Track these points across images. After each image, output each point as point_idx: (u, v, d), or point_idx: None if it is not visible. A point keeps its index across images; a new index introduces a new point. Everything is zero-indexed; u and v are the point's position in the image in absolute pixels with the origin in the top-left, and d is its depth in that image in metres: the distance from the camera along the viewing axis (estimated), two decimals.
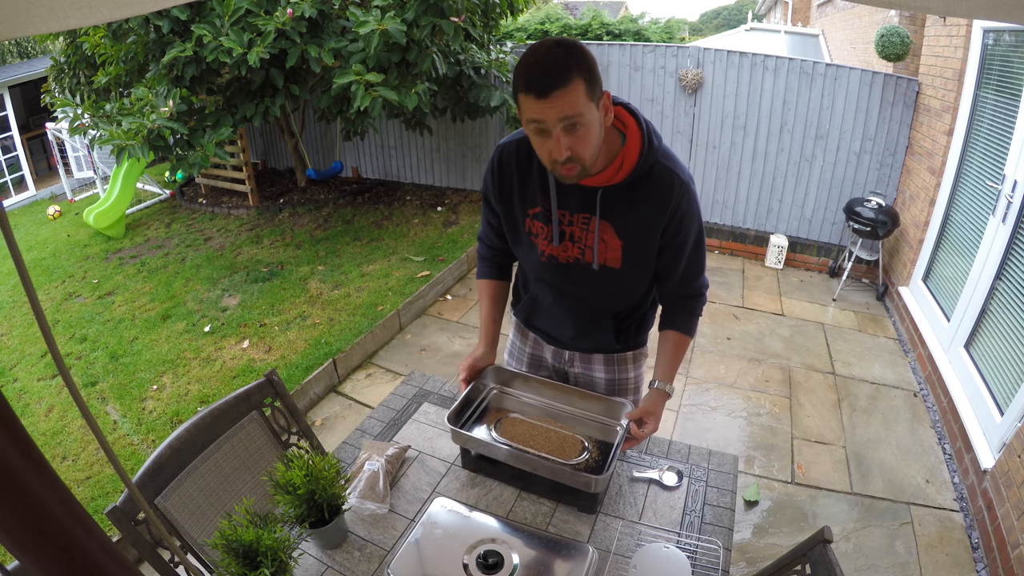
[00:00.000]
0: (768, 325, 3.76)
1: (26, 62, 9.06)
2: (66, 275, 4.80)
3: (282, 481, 1.14)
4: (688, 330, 1.39)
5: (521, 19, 9.49)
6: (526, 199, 1.30)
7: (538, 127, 1.06)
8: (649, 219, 1.22)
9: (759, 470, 2.58)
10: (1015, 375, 2.39)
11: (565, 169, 1.10)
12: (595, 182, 1.20)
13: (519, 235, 1.36)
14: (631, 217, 1.23)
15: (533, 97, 1.02)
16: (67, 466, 2.65)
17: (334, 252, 4.74)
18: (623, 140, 1.19)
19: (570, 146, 1.06)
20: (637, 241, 1.25)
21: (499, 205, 1.35)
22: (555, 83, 1.00)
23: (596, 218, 1.23)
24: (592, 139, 1.08)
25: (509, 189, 1.31)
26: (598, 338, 1.45)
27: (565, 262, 1.31)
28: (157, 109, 3.83)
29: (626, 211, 1.22)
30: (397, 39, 3.60)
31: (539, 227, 1.30)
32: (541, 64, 1.01)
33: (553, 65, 1.01)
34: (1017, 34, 2.80)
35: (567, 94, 1.01)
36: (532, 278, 1.44)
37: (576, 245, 1.28)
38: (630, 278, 1.31)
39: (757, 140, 4.45)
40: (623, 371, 1.52)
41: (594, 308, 1.39)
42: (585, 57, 1.03)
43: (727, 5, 40.06)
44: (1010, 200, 2.63)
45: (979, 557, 2.14)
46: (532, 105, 1.03)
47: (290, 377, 3.12)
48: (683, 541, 1.21)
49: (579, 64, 1.02)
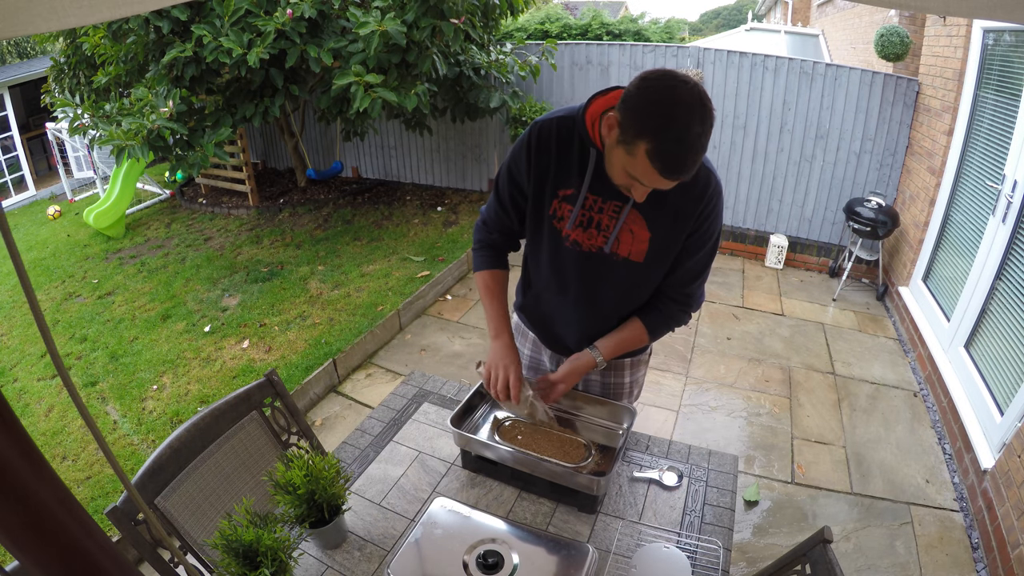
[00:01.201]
0: (768, 325, 3.76)
1: (26, 62, 9.07)
2: (66, 275, 4.80)
3: (282, 481, 1.14)
4: (652, 328, 1.36)
5: (521, 19, 9.50)
6: (560, 179, 1.25)
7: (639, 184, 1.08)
8: (682, 211, 1.21)
9: (759, 470, 2.58)
10: (1015, 375, 2.39)
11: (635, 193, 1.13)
12: None
13: (541, 220, 1.30)
14: (666, 210, 1.21)
15: (659, 173, 1.02)
16: (67, 466, 2.65)
17: (334, 252, 4.74)
18: None
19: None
20: (666, 235, 1.23)
21: (530, 184, 1.28)
22: (687, 174, 1.02)
23: (629, 205, 1.21)
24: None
25: (545, 168, 1.26)
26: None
27: (588, 251, 1.28)
28: (157, 109, 3.83)
29: (661, 204, 1.20)
30: (397, 40, 3.60)
31: (567, 210, 1.26)
32: (689, 149, 0.99)
33: (698, 154, 1.00)
34: (1017, 34, 2.80)
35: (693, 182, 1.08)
36: (544, 271, 1.37)
37: (602, 234, 1.25)
38: (649, 275, 1.29)
39: (757, 140, 4.45)
40: (619, 376, 1.51)
41: (603, 308, 1.36)
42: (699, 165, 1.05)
43: (727, 5, 40.08)
44: (1010, 200, 2.63)
45: (979, 557, 2.14)
46: (652, 176, 1.03)
47: (290, 377, 3.12)
48: (683, 541, 1.21)
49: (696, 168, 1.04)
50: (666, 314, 1.35)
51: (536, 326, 1.53)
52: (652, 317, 1.36)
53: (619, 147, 1.06)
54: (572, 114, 1.22)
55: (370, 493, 1.35)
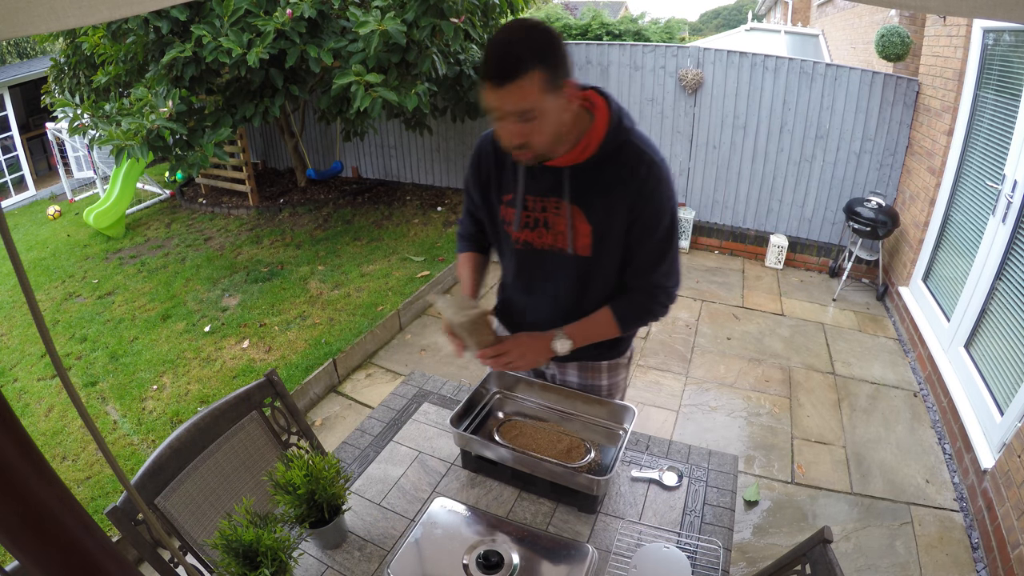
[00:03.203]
0: (768, 325, 3.76)
1: (26, 62, 9.07)
2: (66, 275, 4.80)
3: (282, 481, 1.14)
4: (622, 319, 1.31)
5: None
6: (502, 186, 1.29)
7: (495, 114, 1.07)
8: (616, 198, 1.18)
9: (759, 470, 2.58)
10: (1015, 375, 2.39)
11: (520, 154, 1.12)
12: (562, 162, 1.19)
13: (497, 227, 1.36)
14: (601, 200, 1.20)
15: (490, 85, 1.03)
16: (67, 466, 2.65)
17: (334, 252, 4.74)
18: (592, 120, 1.18)
19: (523, 134, 1.07)
20: (605, 224, 1.21)
21: (477, 193, 1.36)
22: (511, 74, 1.00)
23: (566, 202, 1.21)
24: (548, 128, 1.08)
25: (487, 177, 1.32)
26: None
27: (541, 248, 1.28)
28: (156, 109, 3.83)
29: (595, 193, 1.20)
30: (397, 39, 3.60)
31: (512, 214, 1.29)
32: (501, 53, 1.01)
33: (512, 55, 1.00)
34: (1017, 34, 2.80)
35: (521, 86, 1.01)
36: (511, 275, 1.42)
37: (551, 231, 1.26)
38: (601, 267, 1.28)
39: (757, 140, 4.45)
40: (596, 378, 1.50)
41: (567, 304, 1.35)
42: (549, 45, 1.03)
43: (727, 5, 40.08)
44: (1010, 200, 2.63)
45: (979, 557, 2.14)
46: (488, 93, 1.04)
47: (290, 377, 3.12)
48: (683, 541, 1.21)
49: (541, 53, 1.01)
50: (634, 303, 1.32)
51: (513, 328, 1.53)
52: (619, 304, 1.32)
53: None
54: None
55: (370, 493, 1.35)
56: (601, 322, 1.32)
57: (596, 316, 1.32)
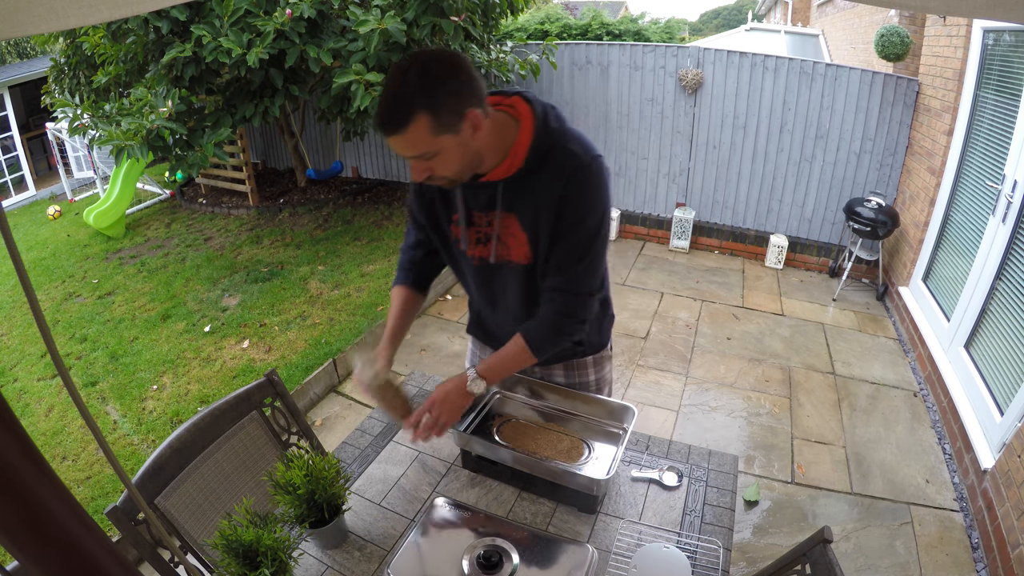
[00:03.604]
0: (768, 325, 3.76)
1: (26, 62, 9.07)
2: (66, 275, 4.80)
3: (282, 481, 1.14)
4: (535, 342, 1.23)
5: (521, 19, 9.49)
6: (448, 206, 1.27)
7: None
8: (545, 202, 1.15)
9: (759, 470, 2.58)
10: (1015, 375, 2.39)
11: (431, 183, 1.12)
12: (495, 176, 1.16)
13: (450, 246, 1.32)
14: (531, 205, 1.17)
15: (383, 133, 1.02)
16: (67, 466, 2.65)
17: (334, 252, 4.74)
18: (518, 130, 1.15)
19: (429, 168, 1.07)
20: (538, 231, 1.18)
21: (423, 216, 1.33)
22: (396, 125, 0.99)
23: (497, 211, 1.19)
24: (451, 162, 1.06)
25: (431, 199, 1.29)
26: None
27: (496, 262, 1.26)
28: (156, 109, 3.83)
29: (527, 200, 1.17)
30: (397, 39, 3.60)
31: (462, 232, 1.27)
32: (386, 102, 1.00)
33: (394, 105, 0.99)
34: (1017, 34, 2.80)
35: (408, 135, 1.00)
36: (471, 291, 1.41)
37: (502, 244, 1.23)
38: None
39: (757, 140, 4.45)
40: (583, 375, 1.49)
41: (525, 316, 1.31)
42: (440, 84, 0.98)
43: (727, 5, 40.08)
44: (1010, 200, 2.63)
45: (979, 557, 2.14)
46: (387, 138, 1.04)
47: (290, 377, 3.12)
48: (683, 541, 1.21)
49: (428, 97, 0.97)
50: (543, 320, 1.23)
51: (486, 342, 1.54)
52: (528, 327, 1.25)
53: None
54: None
55: (370, 493, 1.35)
56: (513, 351, 1.26)
57: (507, 346, 1.27)
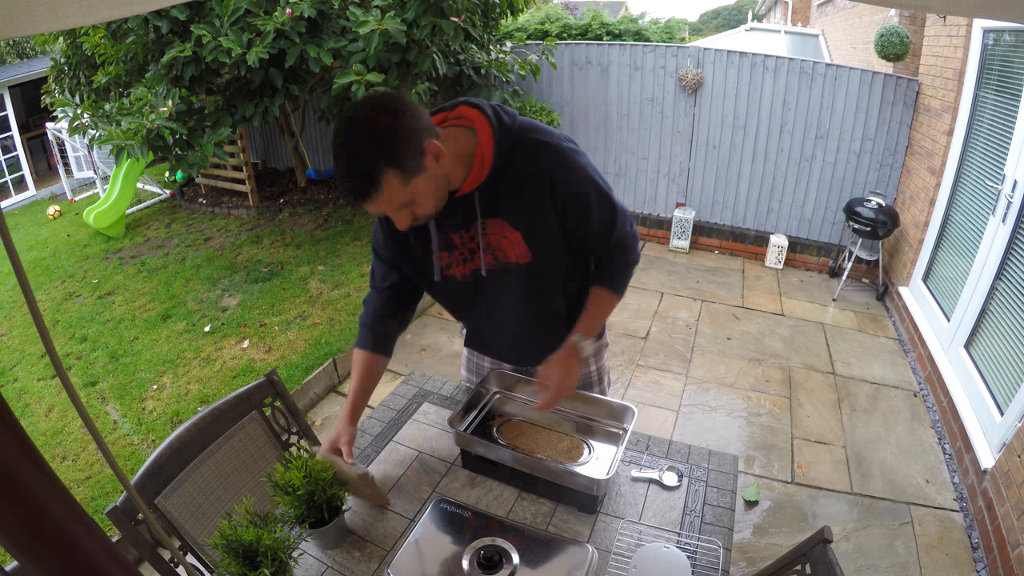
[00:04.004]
0: (768, 325, 3.76)
1: (26, 62, 9.07)
2: (66, 275, 4.80)
3: (281, 482, 1.14)
4: (612, 284, 1.31)
5: (521, 19, 9.49)
6: (421, 239, 1.25)
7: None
8: (531, 196, 1.15)
9: (759, 470, 2.58)
10: (1015, 375, 2.39)
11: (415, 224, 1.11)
12: (467, 188, 1.14)
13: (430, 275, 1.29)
14: (515, 203, 1.16)
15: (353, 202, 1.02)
16: (67, 466, 2.65)
17: (334, 252, 4.74)
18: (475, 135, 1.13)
19: (410, 215, 1.07)
20: (532, 226, 1.18)
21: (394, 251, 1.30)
22: (366, 194, 0.98)
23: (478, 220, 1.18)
24: (428, 197, 1.06)
25: (404, 239, 1.27)
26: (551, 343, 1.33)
27: (489, 271, 1.25)
28: (156, 109, 3.82)
29: (508, 199, 1.16)
30: (397, 39, 3.60)
31: (446, 257, 1.25)
32: (347, 175, 0.97)
33: (358, 175, 0.97)
34: (1017, 34, 2.80)
35: (382, 197, 0.99)
36: (463, 311, 1.40)
37: (489, 252, 1.22)
38: (548, 266, 1.25)
39: (757, 140, 4.45)
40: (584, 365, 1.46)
41: (533, 317, 1.34)
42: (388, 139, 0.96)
43: (727, 5, 40.08)
44: (1010, 200, 2.63)
45: (979, 557, 2.14)
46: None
47: (290, 377, 3.12)
48: (683, 541, 1.21)
49: (387, 151, 0.96)
50: (614, 265, 1.31)
51: (489, 352, 1.55)
52: (603, 274, 1.32)
53: None
54: None
55: None
56: (600, 302, 1.31)
57: (591, 301, 1.31)
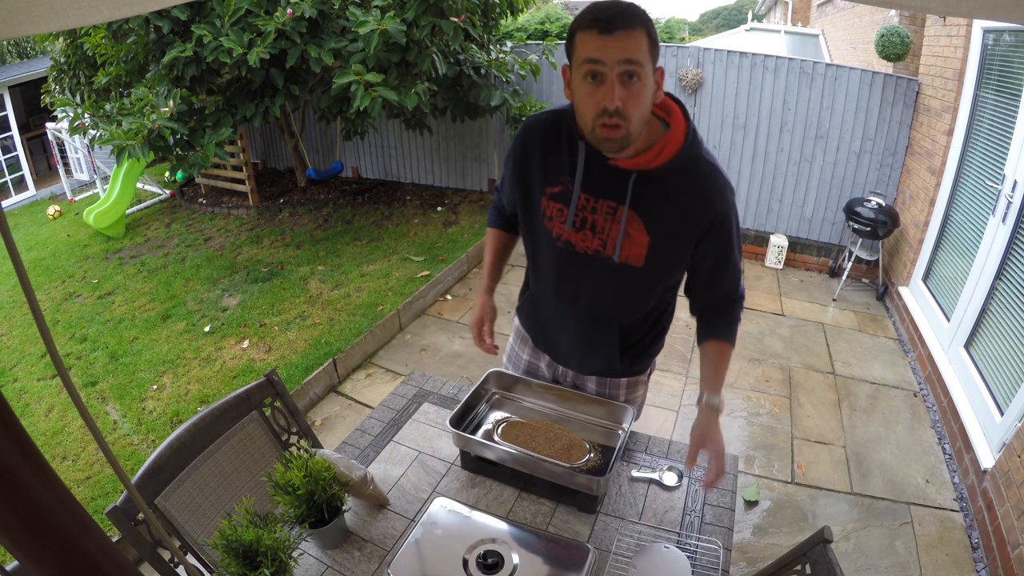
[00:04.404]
0: (768, 325, 3.76)
1: (26, 62, 9.07)
2: (66, 275, 4.80)
3: (281, 482, 1.14)
4: (730, 337, 1.29)
5: (521, 19, 9.49)
6: (548, 175, 1.19)
7: (593, 68, 0.98)
8: (689, 217, 1.13)
9: (759, 470, 2.58)
10: (1015, 375, 2.39)
11: (609, 129, 1.00)
12: (631, 164, 1.10)
13: (533, 219, 1.25)
14: (667, 212, 1.13)
15: (595, 32, 0.95)
16: (67, 466, 2.65)
17: (334, 252, 4.74)
18: (666, 129, 1.11)
19: (623, 98, 0.98)
20: (668, 240, 1.15)
21: (514, 177, 1.26)
22: (622, 23, 0.95)
23: (625, 207, 1.13)
24: (644, 99, 1.00)
25: (533, 165, 1.22)
26: (599, 353, 1.35)
27: (583, 252, 1.20)
28: (157, 109, 3.83)
29: (661, 205, 1.12)
30: (397, 39, 3.60)
31: (556, 209, 1.19)
32: (609, 8, 0.96)
33: (621, 11, 0.96)
34: (1017, 34, 2.80)
35: (632, 36, 0.95)
36: (542, 272, 1.32)
37: (597, 236, 1.17)
38: (651, 281, 1.22)
39: (757, 140, 4.45)
40: (614, 395, 1.47)
41: (602, 315, 1.29)
42: (649, 19, 0.99)
43: (727, 5, 40.05)
44: (1010, 200, 2.63)
45: (979, 557, 2.14)
46: (593, 42, 0.96)
47: (290, 377, 3.12)
48: (683, 541, 1.21)
49: (645, 19, 0.97)
50: (728, 318, 1.29)
51: (533, 330, 1.49)
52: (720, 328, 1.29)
53: (573, 71, 1.03)
54: (562, 109, 1.19)
55: None
56: (722, 356, 1.28)
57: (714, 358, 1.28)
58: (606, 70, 0.97)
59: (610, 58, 0.96)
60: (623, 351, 1.35)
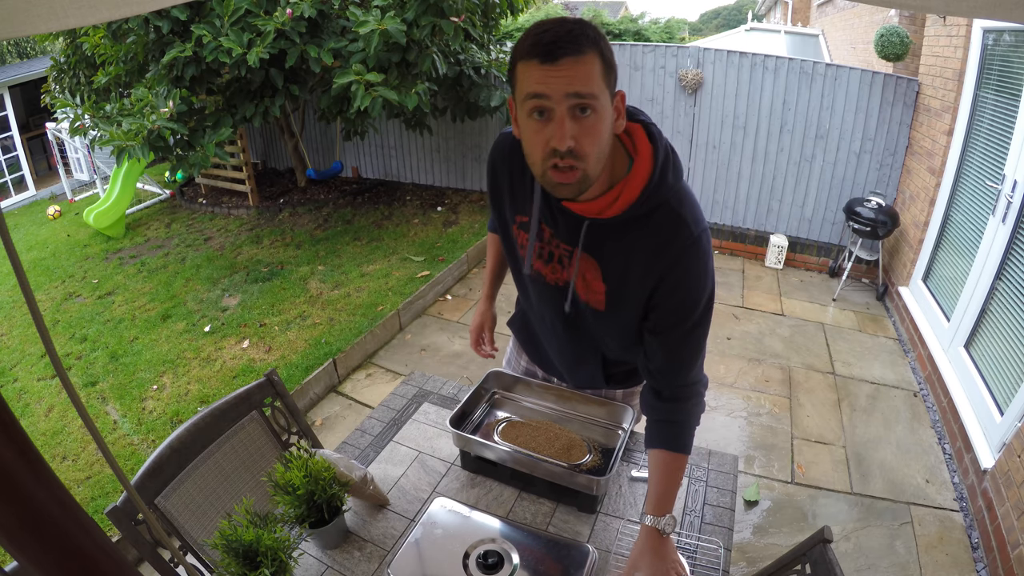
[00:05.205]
0: (768, 325, 3.76)
1: (26, 62, 9.07)
2: (66, 275, 4.80)
3: (281, 482, 1.14)
4: (677, 445, 1.08)
5: (521, 19, 9.48)
6: (515, 203, 1.10)
7: (539, 104, 0.83)
8: (639, 265, 0.99)
9: (759, 470, 2.58)
10: (1015, 375, 2.39)
11: (562, 174, 0.86)
12: (582, 211, 0.98)
13: (508, 242, 1.18)
14: (619, 259, 1.01)
15: (537, 62, 0.80)
16: (67, 466, 2.65)
17: (334, 252, 4.74)
18: (629, 166, 0.96)
19: (575, 136, 0.83)
20: (622, 288, 1.04)
21: (491, 200, 1.18)
22: (568, 48, 0.79)
23: (577, 250, 1.02)
24: (602, 133, 0.85)
25: (500, 186, 1.13)
26: (584, 372, 1.31)
27: (554, 284, 1.12)
28: (157, 109, 3.83)
29: (615, 251, 1.00)
30: (397, 39, 3.60)
31: (524, 238, 1.10)
32: (552, 30, 0.81)
33: (567, 33, 0.80)
34: (1017, 34, 2.80)
35: (581, 63, 0.80)
36: (523, 292, 1.30)
37: (565, 270, 1.08)
38: (617, 323, 1.10)
39: (757, 140, 4.45)
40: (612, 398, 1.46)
41: (581, 343, 1.23)
42: (602, 37, 0.84)
43: (727, 5, 40.05)
44: (1010, 200, 2.63)
45: (979, 557, 2.14)
46: (535, 73, 0.81)
47: (290, 377, 3.12)
48: (683, 541, 1.21)
49: (596, 40, 0.82)
50: (673, 417, 1.10)
51: (524, 343, 1.49)
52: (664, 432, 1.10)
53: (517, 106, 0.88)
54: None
55: None
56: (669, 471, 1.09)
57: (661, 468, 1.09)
58: (553, 104, 0.82)
59: (556, 91, 0.81)
60: (610, 375, 1.32)
